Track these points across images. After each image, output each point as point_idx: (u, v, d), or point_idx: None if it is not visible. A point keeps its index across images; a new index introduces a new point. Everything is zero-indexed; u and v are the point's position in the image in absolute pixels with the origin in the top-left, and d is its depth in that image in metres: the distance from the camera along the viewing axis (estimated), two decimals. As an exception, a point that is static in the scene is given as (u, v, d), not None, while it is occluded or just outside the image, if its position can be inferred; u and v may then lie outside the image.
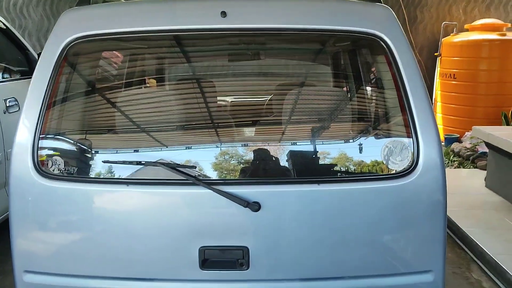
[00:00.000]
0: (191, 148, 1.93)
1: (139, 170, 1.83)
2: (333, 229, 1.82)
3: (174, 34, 1.93)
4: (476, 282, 3.60)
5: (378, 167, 1.84)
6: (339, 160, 1.87)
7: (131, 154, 1.92)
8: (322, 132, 2.00)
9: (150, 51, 2.18)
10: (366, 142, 1.95)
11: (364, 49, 2.09)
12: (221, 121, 2.11)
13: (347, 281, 1.86)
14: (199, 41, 2.07)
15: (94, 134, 2.03)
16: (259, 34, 1.93)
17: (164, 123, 2.01)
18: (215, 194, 1.74)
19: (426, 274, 1.88)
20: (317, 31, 1.91)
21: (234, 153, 1.87)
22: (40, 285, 1.90)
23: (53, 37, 1.91)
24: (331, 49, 2.31)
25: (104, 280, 1.87)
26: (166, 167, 1.78)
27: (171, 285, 1.86)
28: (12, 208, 1.87)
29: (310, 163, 1.88)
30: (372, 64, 2.07)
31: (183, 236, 1.81)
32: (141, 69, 2.37)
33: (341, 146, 1.91)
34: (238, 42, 2.13)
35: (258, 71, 2.32)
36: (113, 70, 2.27)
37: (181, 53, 2.15)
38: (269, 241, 1.82)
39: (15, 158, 1.85)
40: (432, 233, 1.86)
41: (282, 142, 1.97)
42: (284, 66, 2.43)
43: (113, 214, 1.85)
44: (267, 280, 1.85)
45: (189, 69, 2.29)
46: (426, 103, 1.83)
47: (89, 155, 1.92)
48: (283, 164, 1.88)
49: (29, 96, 1.87)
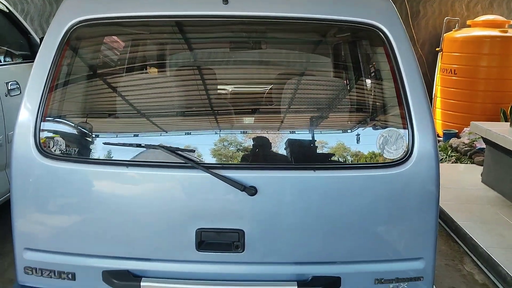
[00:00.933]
0: (191, 133, 1.96)
1: (139, 153, 1.86)
2: (327, 215, 1.86)
3: (176, 20, 1.96)
4: (468, 275, 3.65)
5: (374, 155, 1.88)
6: (336, 148, 1.90)
7: (131, 137, 1.95)
8: (320, 121, 2.03)
9: (152, 36, 2.20)
10: (363, 131, 1.98)
11: (364, 40, 2.12)
12: (221, 108, 2.14)
13: (339, 266, 1.91)
14: (200, 27, 2.09)
15: (95, 117, 2.06)
16: (260, 22, 1.95)
17: (165, 108, 2.04)
18: (213, 177, 1.78)
19: (417, 261, 1.93)
20: (318, 20, 1.93)
21: (233, 139, 1.90)
22: (40, 263, 1.94)
23: (56, 21, 1.93)
24: (331, 39, 2.33)
25: (102, 259, 1.91)
26: (166, 150, 1.81)
27: (167, 265, 1.90)
28: (14, 187, 1.90)
29: (307, 150, 1.92)
30: (370, 55, 2.10)
31: (181, 218, 1.85)
32: (143, 55, 2.40)
33: (337, 134, 1.95)
34: (238, 30, 2.15)
35: (258, 59, 2.34)
36: (115, 54, 2.29)
37: (183, 39, 2.17)
38: (264, 225, 1.86)
39: (17, 139, 1.88)
40: (424, 221, 1.90)
41: (280, 130, 2.00)
42: (284, 55, 2.46)
43: (112, 194, 1.88)
44: (262, 263, 1.89)
45: (191, 55, 2.32)
46: (422, 94, 1.86)
47: (90, 137, 1.95)
48: (281, 151, 1.91)
49: (32, 77, 1.90)
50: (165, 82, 2.11)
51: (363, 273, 1.91)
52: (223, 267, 1.89)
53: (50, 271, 1.93)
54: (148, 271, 1.90)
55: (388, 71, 1.91)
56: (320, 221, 1.87)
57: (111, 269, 1.90)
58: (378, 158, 1.87)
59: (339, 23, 1.94)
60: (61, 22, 1.92)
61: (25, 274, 1.96)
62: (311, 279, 1.88)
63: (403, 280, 1.93)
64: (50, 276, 1.94)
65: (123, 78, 2.23)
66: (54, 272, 1.93)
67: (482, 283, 3.53)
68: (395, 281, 1.93)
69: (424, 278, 1.94)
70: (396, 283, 1.93)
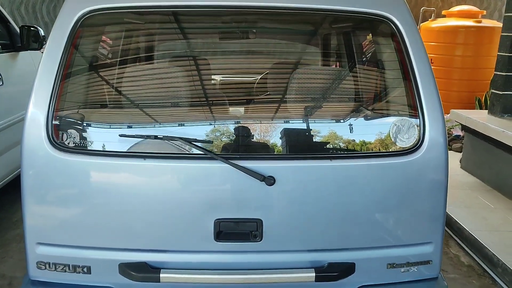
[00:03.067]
0: (209, 124, 1.96)
1: (156, 144, 1.85)
2: (343, 203, 1.90)
3: (190, 10, 1.93)
4: (455, 257, 3.80)
5: (387, 144, 1.93)
6: (351, 138, 1.94)
7: (148, 128, 1.93)
8: (336, 112, 2.06)
9: (165, 26, 2.17)
10: (376, 121, 2.03)
11: (374, 30, 2.15)
12: (239, 98, 2.14)
13: (354, 252, 1.96)
14: (215, 17, 2.08)
15: (109, 108, 2.03)
16: (272, 12, 1.95)
17: (182, 98, 2.03)
18: (231, 168, 1.79)
19: (426, 246, 2.00)
20: (330, 11, 1.95)
21: (250, 129, 1.91)
22: (53, 257, 1.91)
23: (65, 10, 1.88)
24: (343, 30, 2.36)
25: (119, 252, 1.90)
26: (184, 141, 1.80)
27: (186, 256, 1.90)
28: (25, 181, 1.86)
29: (323, 140, 1.95)
30: (381, 46, 2.14)
31: (199, 209, 1.85)
32: (155, 44, 2.36)
33: (353, 125, 1.98)
34: (251, 20, 2.15)
35: (277, 49, 2.35)
36: (127, 44, 2.25)
37: (198, 29, 2.16)
38: (281, 214, 1.89)
39: (28, 132, 1.83)
40: (434, 207, 1.98)
41: (297, 120, 2.03)
42: (299, 46, 2.47)
43: (128, 187, 1.86)
44: (279, 251, 1.92)
45: (206, 45, 2.30)
46: (432, 84, 1.92)
47: (105, 128, 1.93)
48: (298, 141, 1.94)
49: (42, 69, 1.85)
50: (181, 72, 2.09)
51: (376, 259, 1.97)
52: (241, 256, 1.91)
53: (64, 265, 1.91)
54: (166, 262, 1.90)
55: (399, 61, 1.95)
56: (335, 209, 1.91)
57: (128, 261, 1.89)
58: (391, 146, 1.92)
59: (350, 14, 1.97)
60: (71, 12, 1.87)
61: (37, 269, 1.93)
62: (327, 266, 1.92)
63: (414, 264, 2.00)
64: (64, 270, 1.91)
65: (135, 68, 2.19)
66: (68, 266, 1.91)
67: (468, 264, 3.68)
68: (406, 265, 1.99)
69: (433, 261, 2.02)
70: (407, 267, 2.00)
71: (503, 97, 4.92)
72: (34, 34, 4.37)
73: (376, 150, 1.93)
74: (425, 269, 2.02)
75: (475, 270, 3.60)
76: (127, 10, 1.92)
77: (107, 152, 1.84)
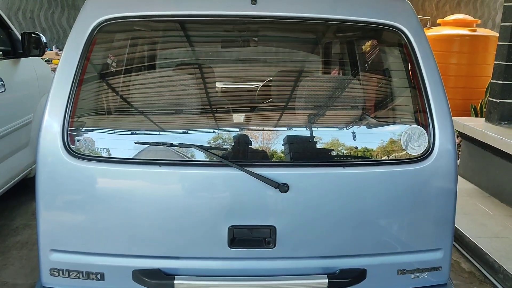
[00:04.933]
0: (223, 131, 1.98)
1: (171, 152, 1.87)
2: (355, 210, 1.93)
3: (205, 19, 1.96)
4: (455, 264, 3.84)
5: (398, 152, 1.96)
6: (363, 146, 1.97)
7: (163, 135, 1.95)
8: (349, 120, 2.09)
9: (181, 34, 2.20)
10: (387, 129, 2.07)
11: (386, 40, 2.19)
12: (254, 105, 2.16)
13: (365, 258, 1.98)
14: (231, 26, 2.11)
15: (125, 116, 2.04)
16: (287, 22, 1.99)
17: (199, 106, 2.05)
18: (246, 175, 1.81)
19: (436, 252, 2.03)
20: (342, 21, 1.99)
21: (263, 137, 1.94)
22: (67, 264, 1.91)
23: (81, 18, 1.90)
24: (355, 39, 2.39)
25: (133, 259, 1.91)
26: (200, 149, 1.82)
27: (200, 263, 1.91)
28: (40, 187, 1.86)
29: (336, 148, 1.98)
30: (393, 56, 2.18)
31: (214, 216, 1.87)
32: (171, 53, 2.38)
33: (364, 133, 2.02)
34: (265, 28, 2.18)
35: (293, 58, 2.38)
36: (142, 52, 2.27)
37: (212, 37, 2.18)
38: (295, 220, 1.91)
39: (44, 139, 1.84)
40: (443, 214, 2.01)
41: (311, 129, 2.05)
42: (312, 55, 2.51)
43: (143, 194, 1.87)
44: (293, 258, 1.94)
45: (219, 54, 2.33)
46: (442, 93, 1.96)
47: (121, 136, 1.94)
48: (311, 148, 1.96)
49: (58, 76, 1.86)
50: (197, 80, 2.11)
51: (387, 265, 2.00)
52: (254, 263, 1.92)
53: (78, 272, 1.91)
54: (180, 269, 1.91)
55: (410, 70, 1.99)
56: (347, 216, 1.93)
57: (141, 268, 1.90)
58: (401, 154, 1.96)
59: (363, 24, 2.01)
60: (88, 20, 1.89)
61: (50, 276, 1.93)
62: (340, 272, 1.95)
63: (424, 271, 2.03)
64: (77, 277, 1.92)
65: (151, 75, 2.21)
66: (82, 273, 1.91)
67: (468, 271, 3.71)
68: (416, 272, 2.02)
69: (442, 267, 2.05)
70: (417, 273, 2.03)
71: (500, 105, 4.99)
72: (36, 41, 4.36)
73: (387, 158, 1.96)
74: (435, 275, 2.05)
75: (476, 276, 3.64)
76: (142, 19, 1.94)
77: (123, 159, 1.86)
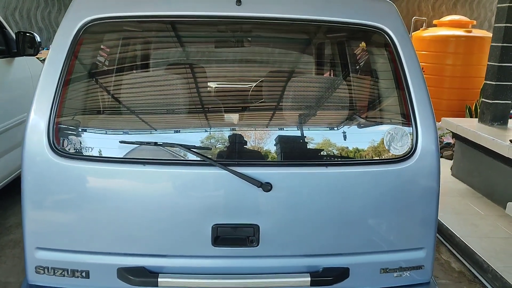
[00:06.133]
0: (207, 131, 2.00)
1: (155, 151, 1.88)
2: (337, 209, 1.95)
3: (189, 20, 1.98)
4: (446, 263, 3.86)
5: (380, 152, 1.98)
6: (346, 145, 1.99)
7: (147, 135, 1.97)
8: (331, 120, 2.11)
9: (165, 34, 2.21)
10: (370, 129, 2.09)
11: (369, 41, 2.21)
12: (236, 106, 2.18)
13: (348, 257, 2.00)
14: (215, 27, 2.13)
15: (110, 115, 2.06)
16: (272, 23, 2.00)
17: (181, 105, 2.06)
18: (229, 174, 1.83)
19: (419, 251, 2.05)
20: (327, 22, 2.01)
21: (247, 137, 1.96)
22: (52, 262, 1.93)
23: (67, 18, 1.92)
24: (338, 40, 2.41)
25: (118, 257, 1.92)
26: (184, 148, 1.84)
27: (184, 261, 1.93)
28: (26, 186, 1.88)
29: (319, 148, 1.99)
30: (375, 56, 2.20)
31: (197, 215, 1.89)
32: (155, 53, 2.40)
33: (347, 132, 2.03)
34: (250, 29, 2.20)
35: (276, 59, 2.40)
36: (128, 52, 2.29)
37: (196, 38, 2.20)
38: (278, 219, 1.93)
39: (30, 137, 1.86)
40: (426, 213, 2.03)
41: (293, 129, 2.07)
42: (293, 55, 2.53)
43: (128, 193, 1.89)
44: (276, 256, 1.96)
45: (204, 54, 2.35)
46: (425, 94, 1.98)
47: (106, 135, 1.96)
48: (294, 148, 1.98)
49: (44, 76, 1.88)
50: (182, 80, 2.13)
51: (369, 264, 2.02)
52: (238, 261, 1.94)
53: (63, 269, 1.93)
54: (164, 267, 1.93)
55: (393, 71, 2.01)
56: (330, 215, 1.95)
57: (126, 266, 1.92)
58: (384, 154, 1.98)
59: (346, 25, 2.03)
60: (74, 20, 1.90)
61: (36, 274, 1.95)
62: (322, 271, 1.96)
63: (406, 269, 2.05)
64: (63, 275, 1.93)
65: (135, 75, 2.23)
66: (67, 271, 1.93)
67: (458, 270, 3.74)
68: (398, 270, 2.04)
69: (425, 266, 2.07)
70: (400, 272, 2.04)
71: (493, 105, 5.01)
72: (30, 40, 4.38)
73: (369, 157, 1.98)
74: (418, 274, 2.07)
75: (466, 276, 3.66)
76: (129, 19, 1.96)
77: (107, 158, 1.87)
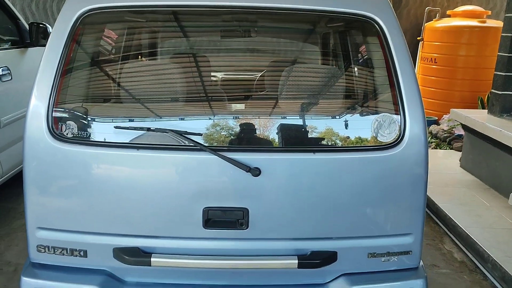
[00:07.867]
0: (198, 117, 2.07)
1: (149, 136, 1.96)
2: (326, 195, 1.99)
3: (187, 10, 2.03)
4: (448, 253, 3.87)
5: (369, 139, 2.02)
6: (334, 132, 2.03)
7: (142, 121, 2.04)
8: (320, 107, 2.16)
9: (162, 24, 2.28)
10: (358, 116, 2.12)
11: (359, 30, 2.24)
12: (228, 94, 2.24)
13: (336, 242, 2.05)
14: (212, 17, 2.18)
15: (106, 102, 2.14)
16: (263, 12, 2.05)
17: (175, 93, 2.13)
18: (220, 159, 1.89)
19: (406, 237, 2.08)
20: (315, 11, 2.04)
21: (238, 123, 2.02)
22: (52, 241, 2.03)
23: (66, 7, 2.00)
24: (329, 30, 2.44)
25: (114, 237, 2.01)
26: (175, 134, 1.91)
27: (176, 242, 2.01)
28: (27, 170, 1.98)
29: (307, 134, 2.04)
30: (365, 45, 2.22)
31: (189, 198, 1.96)
32: (153, 42, 2.47)
33: (336, 119, 2.07)
34: (243, 19, 2.25)
35: (275, 48, 2.44)
36: (124, 41, 2.36)
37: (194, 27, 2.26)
38: (267, 203, 1.98)
39: (30, 122, 1.95)
40: (413, 199, 2.06)
41: (283, 115, 2.12)
42: (287, 44, 2.57)
43: (123, 176, 1.97)
44: (264, 239, 2.02)
45: (201, 43, 2.40)
46: (413, 82, 2.00)
47: (101, 120, 2.04)
48: (283, 135, 2.03)
49: (43, 63, 1.96)
50: (178, 68, 2.19)
51: (357, 248, 2.06)
52: (228, 243, 2.01)
53: (63, 249, 2.03)
54: (157, 247, 2.01)
55: (382, 60, 2.04)
56: (319, 200, 2.00)
57: (121, 246, 2.01)
58: (372, 141, 2.01)
59: (335, 14, 2.06)
60: (72, 10, 1.98)
61: (37, 252, 2.05)
62: (310, 254, 2.02)
63: (394, 254, 2.09)
64: (62, 253, 2.03)
65: (131, 64, 2.31)
66: (66, 250, 2.03)
67: (460, 260, 3.75)
68: (386, 255, 2.08)
69: (413, 252, 2.11)
70: (387, 256, 2.09)
71: (502, 97, 4.96)
72: (43, 31, 4.52)
73: (358, 144, 2.02)
74: (406, 259, 2.11)
75: (467, 266, 3.67)
76: (126, 9, 2.03)
77: (103, 143, 1.96)
